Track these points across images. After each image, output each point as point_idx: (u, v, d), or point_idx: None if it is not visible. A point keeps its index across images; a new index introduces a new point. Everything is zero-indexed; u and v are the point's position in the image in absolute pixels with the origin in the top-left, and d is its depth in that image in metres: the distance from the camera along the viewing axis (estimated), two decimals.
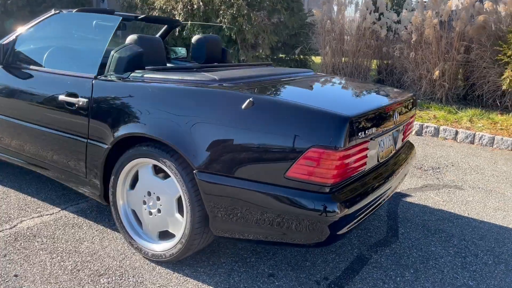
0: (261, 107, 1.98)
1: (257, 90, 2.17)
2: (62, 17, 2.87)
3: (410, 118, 2.73)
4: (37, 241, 2.45)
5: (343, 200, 1.92)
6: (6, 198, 3.00)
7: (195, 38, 3.33)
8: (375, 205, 2.23)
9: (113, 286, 2.12)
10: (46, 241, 2.46)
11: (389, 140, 2.43)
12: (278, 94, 2.14)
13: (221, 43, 3.46)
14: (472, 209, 3.37)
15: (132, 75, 2.42)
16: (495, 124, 5.81)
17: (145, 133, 2.16)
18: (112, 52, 2.53)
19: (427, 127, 5.82)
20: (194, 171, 2.06)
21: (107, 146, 2.34)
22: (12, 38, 2.93)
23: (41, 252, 2.35)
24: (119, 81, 2.40)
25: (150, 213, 2.30)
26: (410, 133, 2.89)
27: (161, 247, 2.28)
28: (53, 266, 2.23)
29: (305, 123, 1.90)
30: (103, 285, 2.12)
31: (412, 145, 3.02)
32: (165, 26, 3.94)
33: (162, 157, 2.15)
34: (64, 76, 2.59)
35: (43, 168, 2.80)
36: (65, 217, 2.77)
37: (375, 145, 2.19)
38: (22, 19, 10.37)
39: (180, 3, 8.26)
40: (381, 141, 2.30)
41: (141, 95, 2.26)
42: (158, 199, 2.25)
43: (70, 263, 2.27)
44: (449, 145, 5.43)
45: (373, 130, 2.09)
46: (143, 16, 3.34)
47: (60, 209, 2.88)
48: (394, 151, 2.55)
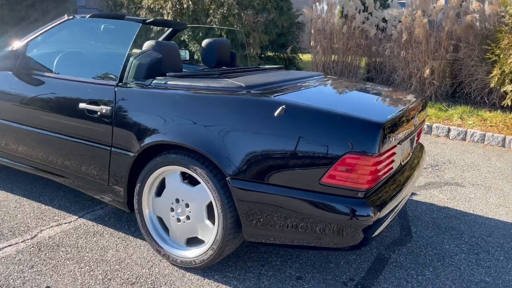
0: (294, 114, 2.01)
1: (284, 97, 2.19)
2: (76, 23, 2.83)
3: (423, 121, 2.81)
4: (62, 251, 2.43)
5: (376, 204, 1.97)
6: (20, 207, 2.95)
7: (205, 42, 3.32)
8: (399, 207, 2.29)
9: None
10: (71, 250, 2.44)
11: (407, 143, 2.50)
12: (307, 100, 2.17)
13: (229, 46, 3.47)
14: (476, 206, 3.49)
15: (154, 82, 2.41)
16: (484, 121, 6.00)
17: (177, 141, 2.16)
18: (131, 59, 2.52)
19: None
20: (227, 178, 2.08)
21: (133, 154, 2.33)
22: (23, 44, 2.87)
23: (68, 262, 2.33)
24: (143, 88, 2.39)
25: (178, 220, 2.30)
26: (421, 134, 2.97)
27: (191, 253, 2.29)
28: (84, 276, 2.22)
29: (339, 129, 1.94)
30: None
31: (422, 146, 3.11)
32: (170, 29, 3.92)
33: (193, 164, 2.16)
34: (84, 83, 2.55)
35: (59, 176, 2.76)
36: (84, 225, 2.75)
37: (400, 149, 2.26)
38: (1, 18, 10.10)
39: (169, 2, 8.19)
40: (403, 144, 2.36)
41: (169, 103, 2.26)
42: (187, 206, 2.26)
43: (100, 272, 2.26)
44: (442, 142, 5.57)
45: (400, 135, 2.16)
46: (151, 20, 3.31)
47: (77, 217, 2.85)
48: (411, 153, 2.63)
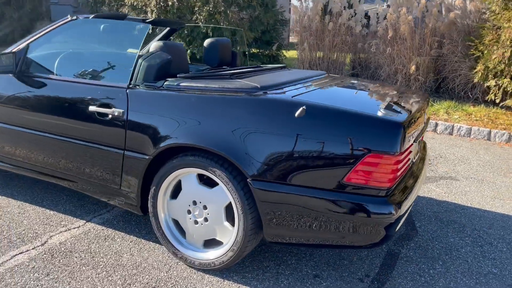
0: (314, 114, 2.03)
1: (301, 97, 2.20)
2: (80, 24, 2.76)
3: (428, 118, 2.87)
4: (75, 257, 2.39)
5: (396, 202, 2.01)
6: (24, 212, 2.88)
7: (207, 42, 3.30)
8: (412, 204, 2.35)
9: None
10: (85, 256, 2.40)
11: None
12: (325, 100, 2.19)
13: (231, 45, 3.46)
14: (472, 199, 3.60)
15: (166, 83, 2.39)
16: (469, 115, 6.16)
17: (196, 144, 2.15)
18: (140, 60, 2.48)
19: None
20: (249, 180, 2.08)
21: (148, 157, 2.30)
22: (24, 46, 2.79)
23: (83, 268, 2.29)
24: (155, 90, 2.36)
25: (196, 222, 2.29)
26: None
27: (210, 255, 2.28)
28: (102, 282, 2.18)
29: (360, 129, 1.97)
30: None
31: (425, 142, 3.18)
32: (167, 28, 3.87)
33: (212, 166, 2.15)
34: (93, 86, 2.50)
35: (65, 179, 2.70)
36: (94, 229, 2.70)
37: (415, 147, 2.31)
38: None
39: None
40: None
41: (185, 105, 2.24)
42: (205, 208, 2.26)
43: (118, 277, 2.23)
44: (431, 136, 5.70)
45: (415, 133, 2.20)
46: (150, 19, 3.27)
47: (85, 221, 2.80)
48: (418, 150, 2.69)
